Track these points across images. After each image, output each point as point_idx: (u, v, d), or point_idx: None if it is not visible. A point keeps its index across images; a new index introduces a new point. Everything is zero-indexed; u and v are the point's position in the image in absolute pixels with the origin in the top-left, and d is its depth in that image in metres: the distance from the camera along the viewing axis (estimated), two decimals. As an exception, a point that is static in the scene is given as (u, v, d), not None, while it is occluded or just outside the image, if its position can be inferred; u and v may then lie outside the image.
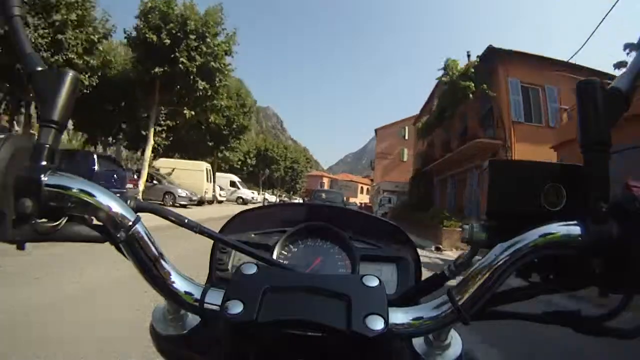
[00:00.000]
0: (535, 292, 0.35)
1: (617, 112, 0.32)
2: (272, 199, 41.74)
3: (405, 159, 47.75)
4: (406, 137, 49.06)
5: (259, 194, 37.95)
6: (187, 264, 0.86)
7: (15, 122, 14.32)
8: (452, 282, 0.36)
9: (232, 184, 28.66)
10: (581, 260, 0.31)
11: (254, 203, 31.30)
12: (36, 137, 0.34)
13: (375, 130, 47.68)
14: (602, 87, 0.31)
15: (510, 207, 0.35)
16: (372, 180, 53.60)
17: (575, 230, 0.31)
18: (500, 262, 0.32)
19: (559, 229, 0.31)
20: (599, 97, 0.31)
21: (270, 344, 0.33)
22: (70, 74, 0.35)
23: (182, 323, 0.42)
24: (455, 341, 0.40)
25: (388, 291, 0.36)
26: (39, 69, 0.35)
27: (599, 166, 0.31)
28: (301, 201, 24.41)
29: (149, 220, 0.37)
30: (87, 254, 4.18)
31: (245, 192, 29.12)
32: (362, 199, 69.43)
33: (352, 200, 56.60)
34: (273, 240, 0.59)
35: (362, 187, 76.52)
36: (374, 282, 0.33)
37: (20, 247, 0.33)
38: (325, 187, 69.85)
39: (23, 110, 14.21)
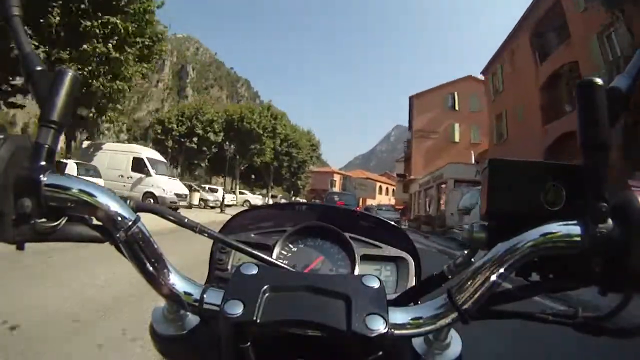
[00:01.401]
0: (535, 292, 0.35)
1: (617, 112, 0.31)
2: (258, 202, 26.52)
3: (456, 138, 31.67)
4: (456, 107, 32.66)
5: (226, 191, 22.47)
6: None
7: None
8: (452, 282, 0.36)
9: (137, 164, 13.79)
10: (581, 259, 0.31)
11: (214, 207, 16.19)
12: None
13: (410, 99, 32.47)
14: (602, 87, 0.31)
15: (509, 207, 0.34)
16: (401, 176, 38.31)
17: (575, 230, 0.31)
18: (500, 261, 0.32)
19: (558, 228, 0.31)
20: (599, 97, 0.31)
21: (270, 344, 0.33)
22: (70, 73, 0.35)
23: (182, 323, 0.42)
24: (454, 341, 0.40)
25: (388, 291, 0.36)
26: (38, 68, 0.35)
27: (599, 166, 0.31)
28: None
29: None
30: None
31: (166, 184, 13.73)
32: (381, 199, 55.64)
33: (370, 202, 40.95)
34: (273, 240, 0.59)
35: (380, 186, 62.69)
36: (373, 282, 0.33)
37: (20, 247, 0.33)
38: (337, 186, 55.04)
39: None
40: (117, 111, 13.38)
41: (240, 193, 28.86)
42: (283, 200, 36.42)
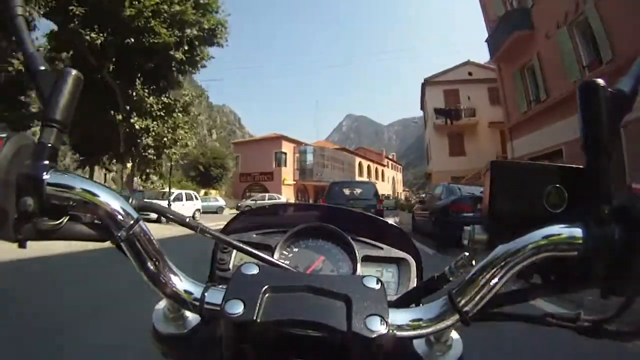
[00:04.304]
0: (537, 294, 0.34)
1: (620, 114, 0.31)
2: None
3: None
4: None
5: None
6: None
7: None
8: (453, 284, 0.36)
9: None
10: (583, 262, 0.31)
11: None
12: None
13: None
14: (604, 89, 0.31)
15: (511, 209, 0.34)
16: (444, 113, 16.23)
17: (577, 232, 0.31)
18: (501, 263, 0.32)
19: (560, 231, 0.31)
20: (602, 99, 0.31)
21: (271, 344, 0.33)
22: (73, 73, 0.35)
23: (183, 322, 0.42)
24: (455, 342, 0.40)
25: (389, 292, 0.36)
26: (42, 68, 0.35)
27: (601, 168, 0.31)
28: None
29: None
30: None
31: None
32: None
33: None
34: (274, 240, 0.60)
35: (360, 164, 44.32)
36: (374, 283, 0.33)
37: (22, 245, 0.33)
38: (290, 164, 28.24)
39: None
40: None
41: None
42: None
